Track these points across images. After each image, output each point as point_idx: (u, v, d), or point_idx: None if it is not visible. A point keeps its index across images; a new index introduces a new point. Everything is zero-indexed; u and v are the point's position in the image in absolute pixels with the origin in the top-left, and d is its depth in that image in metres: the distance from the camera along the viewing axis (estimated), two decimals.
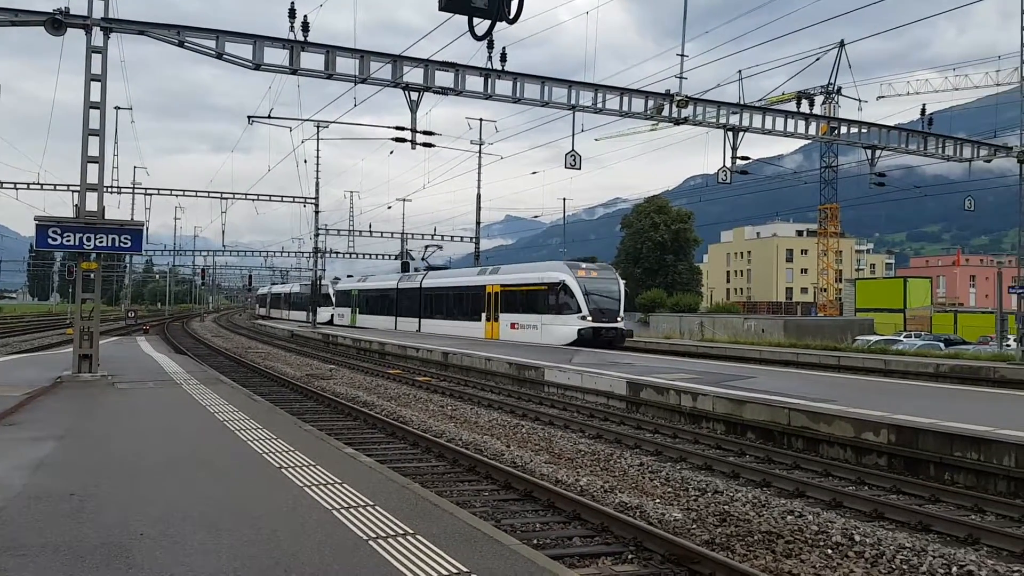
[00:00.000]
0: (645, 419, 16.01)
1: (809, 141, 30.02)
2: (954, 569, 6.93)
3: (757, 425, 13.92)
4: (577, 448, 12.84)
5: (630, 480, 10.64)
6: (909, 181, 41.38)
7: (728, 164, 26.69)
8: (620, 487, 10.09)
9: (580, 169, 25.30)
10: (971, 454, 10.44)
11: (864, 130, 29.00)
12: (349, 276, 70.10)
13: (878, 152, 28.79)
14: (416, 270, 54.86)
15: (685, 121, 25.70)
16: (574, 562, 7.08)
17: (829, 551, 7.56)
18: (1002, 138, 32.84)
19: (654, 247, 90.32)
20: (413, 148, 24.13)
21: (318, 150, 52.74)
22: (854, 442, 12.03)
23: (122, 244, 17.20)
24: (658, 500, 9.48)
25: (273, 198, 56.29)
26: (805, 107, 29.59)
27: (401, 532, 6.08)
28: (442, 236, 61.86)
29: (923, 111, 30.36)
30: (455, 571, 5.20)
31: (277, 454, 9.19)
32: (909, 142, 29.02)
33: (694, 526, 8.35)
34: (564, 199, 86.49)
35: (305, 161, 60.59)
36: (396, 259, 63.88)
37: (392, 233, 63.07)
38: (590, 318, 31.90)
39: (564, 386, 20.21)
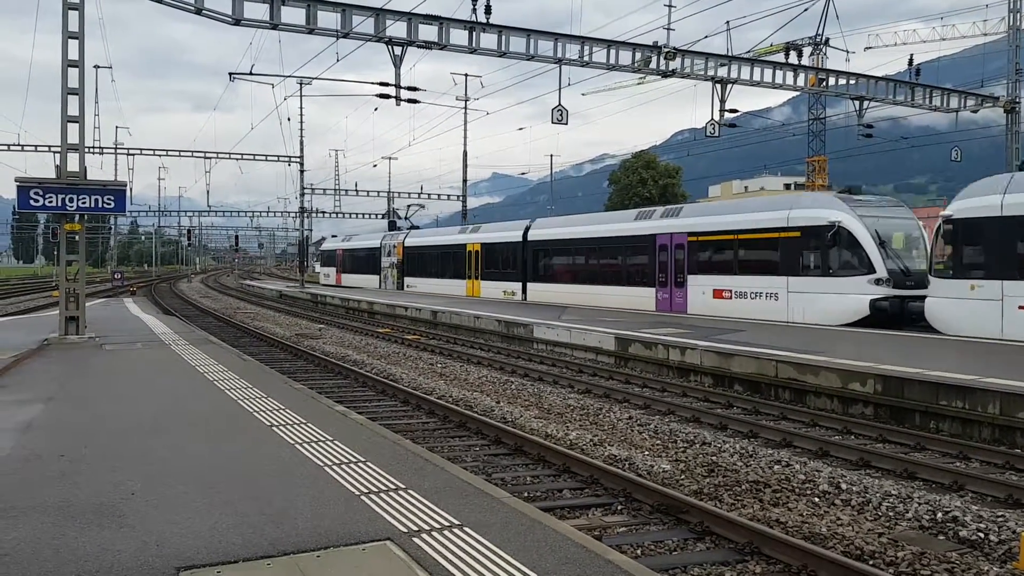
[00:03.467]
0: (634, 374, 16.11)
1: (797, 93, 29.87)
2: (939, 515, 7.04)
3: (745, 377, 14.03)
4: (566, 403, 12.93)
5: (619, 433, 10.73)
6: (896, 133, 41.26)
7: (716, 117, 26.53)
8: (609, 440, 10.17)
9: (567, 124, 25.10)
10: (956, 402, 10.57)
11: (852, 81, 28.86)
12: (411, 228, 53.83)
13: (866, 103, 28.69)
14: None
15: (673, 74, 25.46)
16: (565, 514, 7.16)
17: (816, 499, 7.67)
18: (989, 88, 32.75)
19: (641, 203, 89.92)
20: (398, 104, 23.83)
21: (301, 108, 52.03)
22: (840, 392, 12.16)
23: (105, 205, 16.98)
24: (647, 452, 9.57)
25: (257, 157, 55.71)
26: (793, 59, 29.26)
27: (393, 487, 6.11)
28: (428, 195, 61.63)
29: (911, 61, 30.22)
30: (447, 524, 5.24)
31: (268, 412, 9.20)
32: (896, 93, 28.92)
33: (683, 477, 8.45)
34: (551, 155, 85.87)
35: (288, 119, 59.80)
36: (382, 217, 63.49)
37: (379, 192, 62.66)
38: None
39: (553, 342, 20.28)
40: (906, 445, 10.07)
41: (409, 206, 56.24)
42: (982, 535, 6.57)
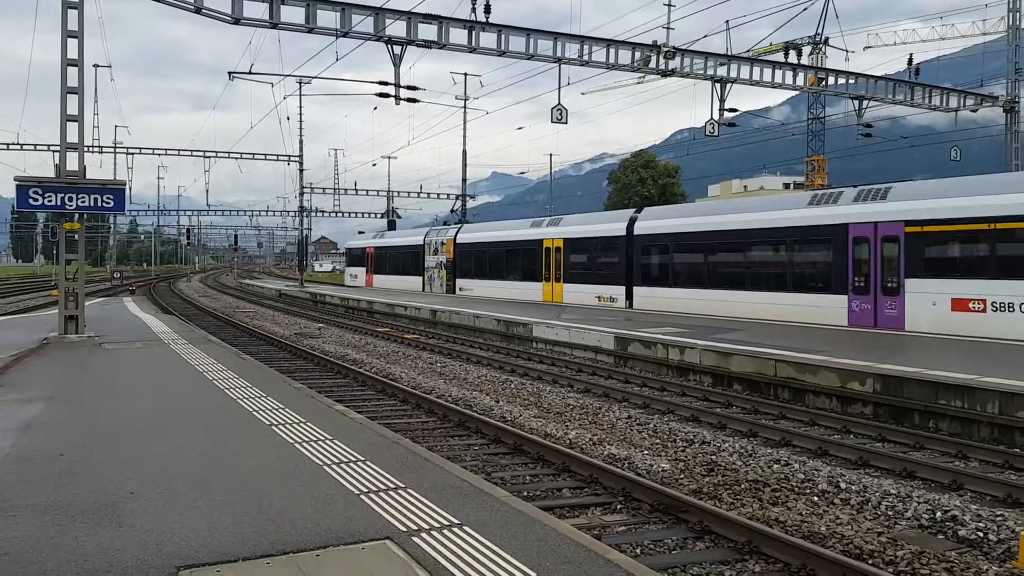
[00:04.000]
0: (633, 373, 16.11)
1: (797, 92, 29.87)
2: (938, 514, 7.04)
3: (744, 377, 14.03)
4: (566, 402, 12.93)
5: (618, 433, 10.73)
6: (895, 132, 41.27)
7: (716, 116, 26.55)
8: (609, 439, 10.17)
9: (566, 123, 25.13)
10: (956, 402, 10.57)
11: (851, 81, 28.88)
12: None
13: (865, 103, 28.69)
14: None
15: (672, 73, 25.47)
16: (564, 512, 7.16)
17: (815, 498, 7.67)
18: (988, 88, 32.76)
19: (641, 202, 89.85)
20: (397, 103, 23.83)
21: (301, 106, 52.04)
22: (840, 392, 12.16)
23: (104, 204, 16.98)
24: (646, 451, 9.57)
25: (256, 156, 55.74)
26: (793, 58, 29.27)
27: (392, 486, 6.11)
28: (428, 194, 61.53)
29: (910, 61, 30.23)
30: (446, 523, 5.24)
31: (267, 412, 9.19)
32: (896, 92, 28.93)
33: (682, 476, 8.45)
34: (550, 154, 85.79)
35: (288, 118, 59.78)
36: (382, 217, 63.46)
37: (378, 191, 62.64)
38: None
39: (552, 342, 20.28)
40: (905, 444, 10.08)
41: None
42: (981, 534, 6.58)
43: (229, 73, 31.19)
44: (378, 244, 50.73)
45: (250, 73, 30.97)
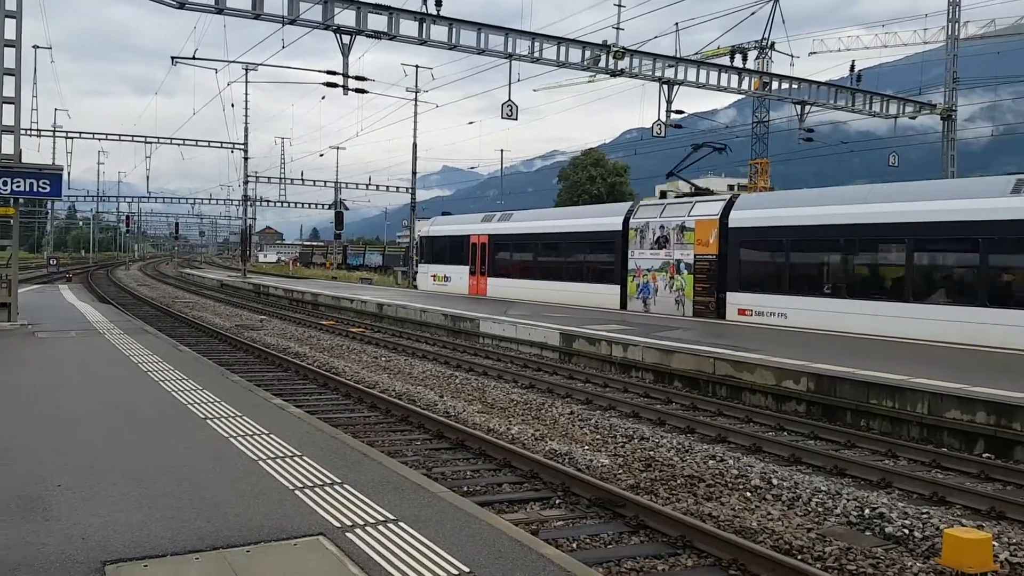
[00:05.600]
0: (577, 369, 16.24)
1: (743, 96, 30.37)
2: (866, 511, 7.24)
3: (684, 374, 14.25)
4: (510, 398, 12.97)
5: (560, 428, 10.81)
6: (836, 137, 42.29)
7: (663, 117, 26.87)
8: (551, 435, 10.24)
9: (517, 120, 25.16)
10: (886, 402, 10.89)
11: (795, 86, 29.49)
12: None
13: (807, 108, 29.33)
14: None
15: (622, 73, 25.70)
16: (503, 508, 7.18)
17: (748, 494, 7.83)
18: (927, 95, 33.77)
19: (591, 200, 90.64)
20: (345, 94, 23.59)
21: (246, 93, 51.15)
22: (775, 390, 12.43)
23: (41, 189, 16.47)
24: (587, 447, 9.66)
25: (200, 143, 54.67)
26: (739, 62, 29.78)
27: (328, 482, 6.06)
28: (377, 186, 60.99)
29: (852, 67, 31.02)
30: (382, 518, 5.21)
31: (202, 405, 9.03)
32: (838, 98, 29.63)
33: (620, 471, 8.54)
34: (501, 150, 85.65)
35: (232, 105, 58.42)
36: (329, 208, 62.71)
37: (325, 182, 61.88)
38: None
39: (499, 337, 20.32)
40: (837, 442, 10.35)
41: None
42: (907, 531, 6.77)
43: (172, 58, 30.53)
44: (506, 230, 31.45)
45: (194, 59, 30.35)
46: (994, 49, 57.18)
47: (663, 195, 26.20)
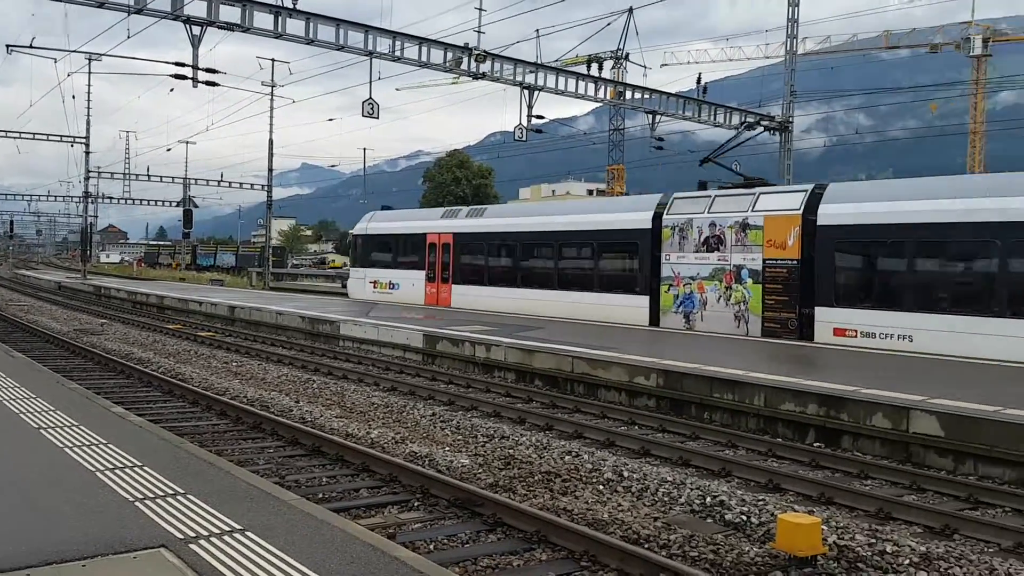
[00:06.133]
0: (440, 370, 16.24)
1: (600, 104, 31.28)
2: (708, 499, 7.64)
3: (544, 373, 14.54)
4: (370, 401, 12.80)
5: (422, 430, 10.78)
6: (685, 146, 44.32)
7: (525, 122, 27.28)
8: (411, 437, 10.19)
9: (379, 118, 24.85)
10: (727, 395, 11.53)
11: (647, 96, 30.65)
12: None
13: (659, 117, 30.56)
14: None
15: (484, 76, 25.89)
16: (359, 513, 7.09)
17: (601, 487, 8.09)
18: (767, 108, 35.88)
19: (456, 202, 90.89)
20: (195, 86, 22.51)
21: (89, 84, 47.97)
22: (628, 386, 12.91)
23: None
24: (448, 448, 9.68)
25: (37, 136, 50.89)
26: (596, 71, 30.70)
27: (171, 492, 5.79)
28: (230, 183, 58.60)
29: (699, 80, 32.56)
30: (228, 529, 5.03)
31: (36, 414, 8.41)
32: (686, 109, 31.03)
33: (480, 471, 8.62)
34: (364, 149, 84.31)
35: (73, 97, 54.62)
36: (177, 206, 59.67)
37: (173, 178, 58.77)
38: None
39: (360, 340, 20.00)
40: (683, 435, 10.86)
41: None
42: (745, 517, 7.19)
43: (7, 46, 28.35)
44: (479, 228, 26.66)
45: (31, 47, 28.26)
46: (829, 64, 61.81)
47: (703, 186, 21.48)
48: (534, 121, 27.89)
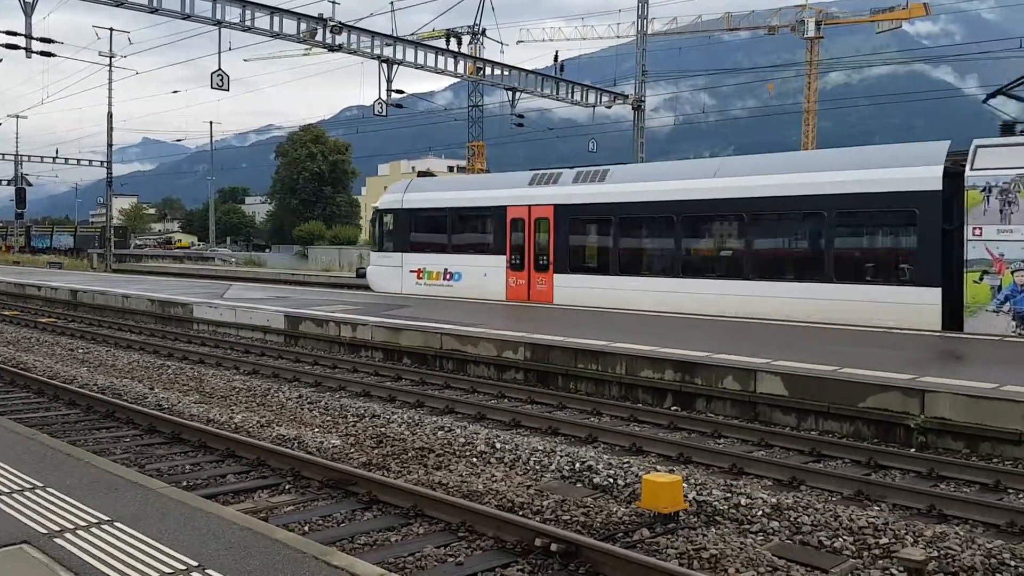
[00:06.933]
0: (304, 352, 15.92)
1: (458, 80, 31.27)
2: (577, 465, 7.95)
3: (413, 351, 14.55)
4: (231, 385, 12.42)
5: (288, 413, 10.58)
6: (543, 123, 45.06)
7: (383, 96, 26.89)
8: (278, 421, 9.99)
9: (228, 91, 23.83)
10: (591, 365, 11.97)
11: (506, 72, 30.91)
12: None
13: (518, 94, 30.92)
14: None
15: (340, 48, 25.32)
16: (229, 499, 6.93)
17: (474, 459, 8.26)
18: (621, 86, 36.96)
19: (311, 178, 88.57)
20: (28, 57, 20.81)
21: None
22: (497, 361, 13.14)
23: None
24: (317, 429, 9.56)
25: None
26: (454, 45, 30.64)
27: (29, 486, 5.46)
28: (66, 159, 54.51)
29: (556, 58, 33.17)
30: (95, 520, 4.81)
31: None
32: (544, 86, 31.54)
33: (352, 451, 8.58)
34: (211, 122, 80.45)
35: None
36: (9, 185, 54.97)
37: (4, 155, 54.05)
38: None
39: (216, 323, 19.26)
40: (551, 405, 11.21)
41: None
42: (612, 480, 7.54)
43: None
44: (598, 196, 19.77)
45: None
46: (676, 45, 64.26)
47: (1008, 130, 14.49)
48: (394, 96, 27.55)
